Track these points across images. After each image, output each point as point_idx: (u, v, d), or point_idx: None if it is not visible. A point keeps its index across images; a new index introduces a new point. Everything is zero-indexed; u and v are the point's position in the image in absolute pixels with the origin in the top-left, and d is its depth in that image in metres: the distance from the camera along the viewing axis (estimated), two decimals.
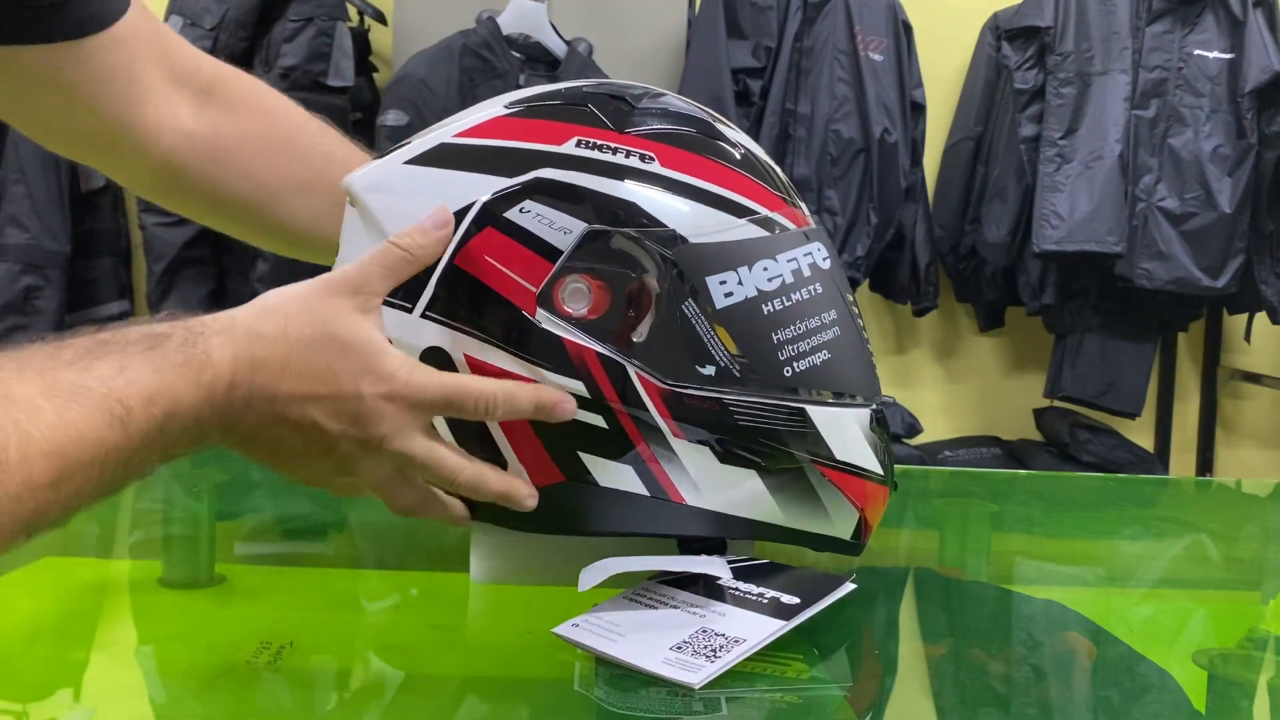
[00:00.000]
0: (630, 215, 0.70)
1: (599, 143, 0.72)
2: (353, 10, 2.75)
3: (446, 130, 0.75)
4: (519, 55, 2.61)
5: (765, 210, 0.74)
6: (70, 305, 2.59)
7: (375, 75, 2.86)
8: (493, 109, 0.76)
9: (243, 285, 2.61)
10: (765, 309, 0.72)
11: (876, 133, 2.68)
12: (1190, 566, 1.12)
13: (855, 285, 2.74)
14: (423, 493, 0.72)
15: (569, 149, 0.71)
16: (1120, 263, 2.64)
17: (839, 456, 0.74)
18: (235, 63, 0.95)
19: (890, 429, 0.83)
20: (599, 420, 0.70)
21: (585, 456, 0.71)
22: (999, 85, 2.85)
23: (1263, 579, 1.07)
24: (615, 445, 0.71)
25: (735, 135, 0.78)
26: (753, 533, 0.74)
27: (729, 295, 0.71)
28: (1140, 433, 3.03)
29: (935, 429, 3.02)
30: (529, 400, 0.69)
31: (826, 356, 0.74)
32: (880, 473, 0.78)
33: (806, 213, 0.78)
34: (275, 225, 0.92)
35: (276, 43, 2.56)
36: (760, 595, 0.70)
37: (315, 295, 0.66)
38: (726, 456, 0.72)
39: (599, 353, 0.70)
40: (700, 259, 0.71)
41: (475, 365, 0.70)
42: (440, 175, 0.72)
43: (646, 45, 2.81)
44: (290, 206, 0.90)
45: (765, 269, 0.72)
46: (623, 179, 0.71)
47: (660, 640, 0.65)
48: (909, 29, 2.79)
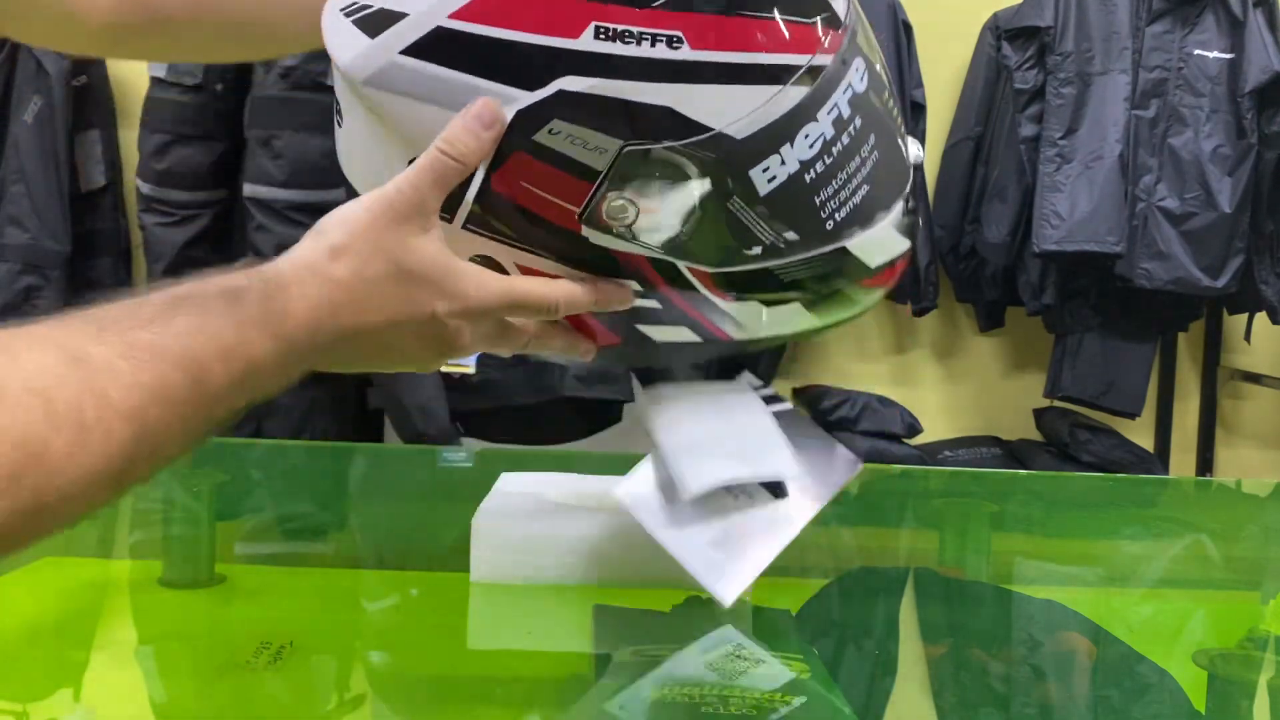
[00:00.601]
0: (667, 125, 0.66)
1: (620, 29, 0.65)
2: None
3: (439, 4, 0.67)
4: None
5: (804, 58, 0.68)
6: (70, 305, 2.59)
7: None
8: None
9: None
10: (808, 178, 0.70)
11: None
12: (1190, 566, 1.12)
13: None
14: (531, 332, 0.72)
15: (587, 43, 0.65)
16: (1120, 263, 2.64)
17: (874, 265, 0.76)
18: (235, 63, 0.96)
19: (890, 428, 0.86)
20: (653, 303, 0.73)
21: (642, 327, 0.74)
22: (999, 85, 2.85)
23: (1263, 579, 1.08)
24: (670, 316, 0.74)
25: None
26: (791, 339, 0.80)
27: (772, 180, 0.69)
28: (1140, 433, 3.02)
29: (935, 429, 3.02)
30: (590, 298, 0.70)
31: (866, 190, 0.73)
32: (906, 248, 0.79)
33: (845, 10, 0.71)
34: (235, 32, 0.90)
35: None
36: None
37: (380, 228, 0.64)
38: (772, 303, 0.74)
39: (649, 257, 0.70)
40: (742, 154, 0.68)
41: (527, 270, 0.71)
42: (449, 78, 0.67)
43: None
44: (243, 6, 0.89)
45: (806, 136, 0.69)
46: (653, 79, 0.65)
47: (701, 533, 0.76)
48: (909, 29, 2.78)
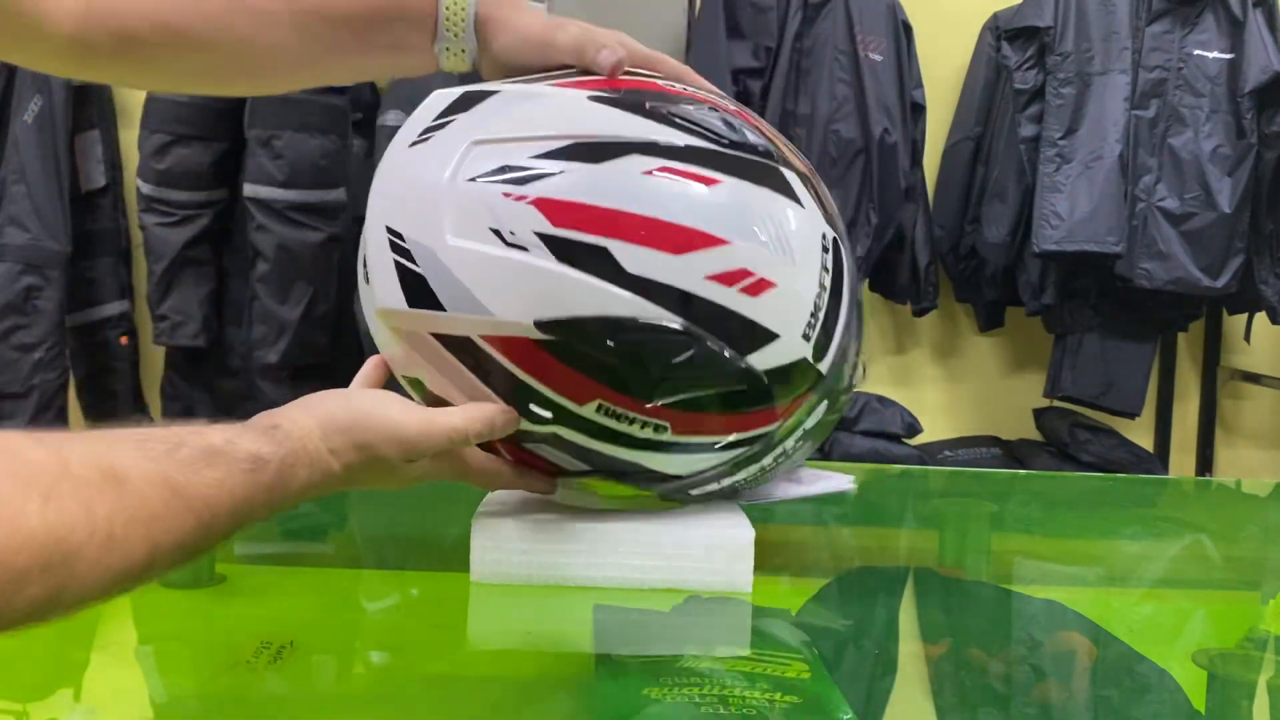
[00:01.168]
0: (633, 471, 0.80)
1: (619, 411, 0.76)
2: None
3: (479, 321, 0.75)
4: None
5: (762, 429, 0.80)
6: (70, 305, 2.59)
7: None
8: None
9: (243, 285, 2.61)
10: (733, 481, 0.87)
11: (876, 133, 2.68)
12: (1190, 566, 1.12)
13: None
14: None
15: (589, 412, 0.76)
16: (1120, 263, 2.64)
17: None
18: None
19: (890, 428, 0.88)
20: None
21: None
22: (999, 85, 2.85)
23: (1263, 579, 1.08)
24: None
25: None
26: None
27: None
28: (1140, 433, 3.02)
29: (935, 429, 3.02)
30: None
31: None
32: None
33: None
34: (213, 65, 0.88)
35: None
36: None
37: (383, 446, 0.72)
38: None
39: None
40: (689, 483, 0.83)
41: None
42: (469, 377, 0.76)
43: (646, 45, 2.81)
44: (225, 34, 0.86)
45: (744, 471, 0.84)
46: (635, 448, 0.78)
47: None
48: (909, 29, 2.78)
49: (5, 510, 0.46)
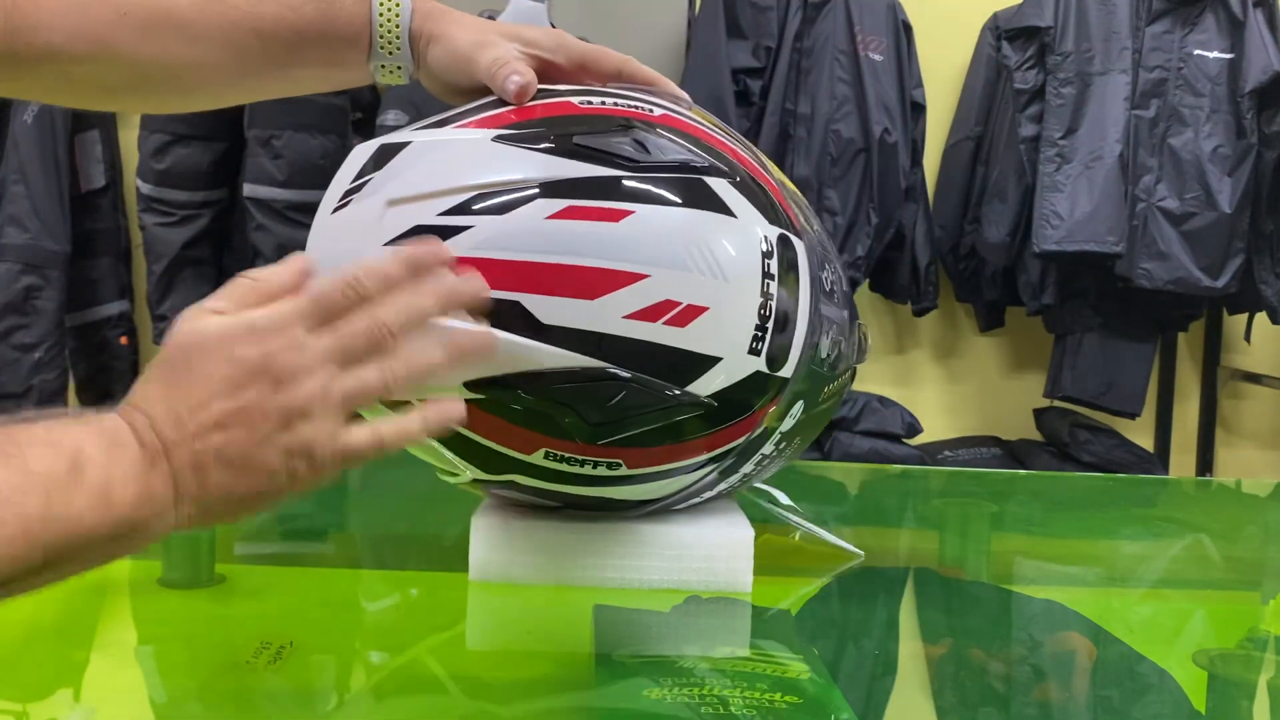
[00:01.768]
0: (597, 504, 0.80)
1: (567, 455, 0.75)
2: None
3: None
4: None
5: (725, 447, 0.79)
6: (70, 305, 2.59)
7: None
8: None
9: None
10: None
11: (876, 133, 2.68)
12: (1190, 566, 1.12)
13: (855, 285, 2.73)
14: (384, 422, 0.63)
15: (538, 459, 0.75)
16: (1120, 263, 2.64)
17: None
18: None
19: (890, 428, 0.87)
20: None
21: None
22: (999, 85, 2.85)
23: (1263, 579, 1.08)
24: None
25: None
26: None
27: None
28: (1140, 433, 3.02)
29: (935, 429, 3.02)
30: (400, 262, 0.65)
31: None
32: None
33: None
34: (139, 79, 0.83)
35: None
36: None
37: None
38: None
39: None
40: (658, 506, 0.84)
41: None
42: None
43: (646, 45, 2.81)
44: (151, 47, 0.81)
45: (703, 488, 0.84)
46: (593, 485, 0.77)
47: None
48: (909, 29, 2.78)
49: None
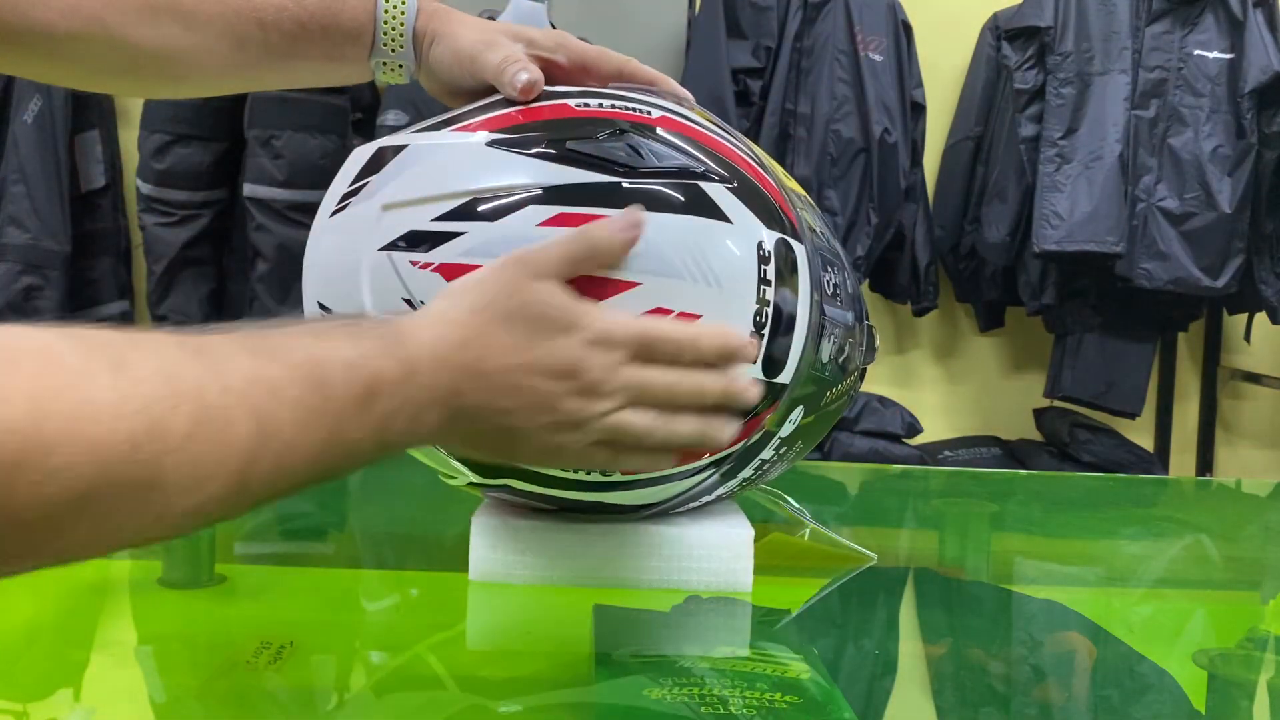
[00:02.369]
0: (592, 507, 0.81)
1: None
2: None
3: None
4: None
5: (726, 450, 0.78)
6: (70, 305, 2.59)
7: None
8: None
9: (243, 285, 2.61)
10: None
11: (876, 133, 2.68)
12: (1190, 566, 1.12)
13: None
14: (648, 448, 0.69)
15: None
16: (1120, 263, 2.64)
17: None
18: None
19: (890, 428, 0.86)
20: None
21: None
22: (999, 85, 2.85)
23: (1263, 579, 1.08)
24: None
25: None
26: None
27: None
28: (1140, 433, 3.02)
29: (935, 429, 3.02)
30: (716, 342, 0.69)
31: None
32: None
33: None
34: (133, 62, 0.83)
35: None
36: None
37: (502, 271, 0.65)
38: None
39: None
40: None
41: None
42: None
43: (646, 45, 2.81)
44: (148, 30, 0.81)
45: (707, 489, 0.83)
46: (590, 491, 0.77)
47: None
48: (909, 29, 2.79)
49: (73, 382, 0.40)
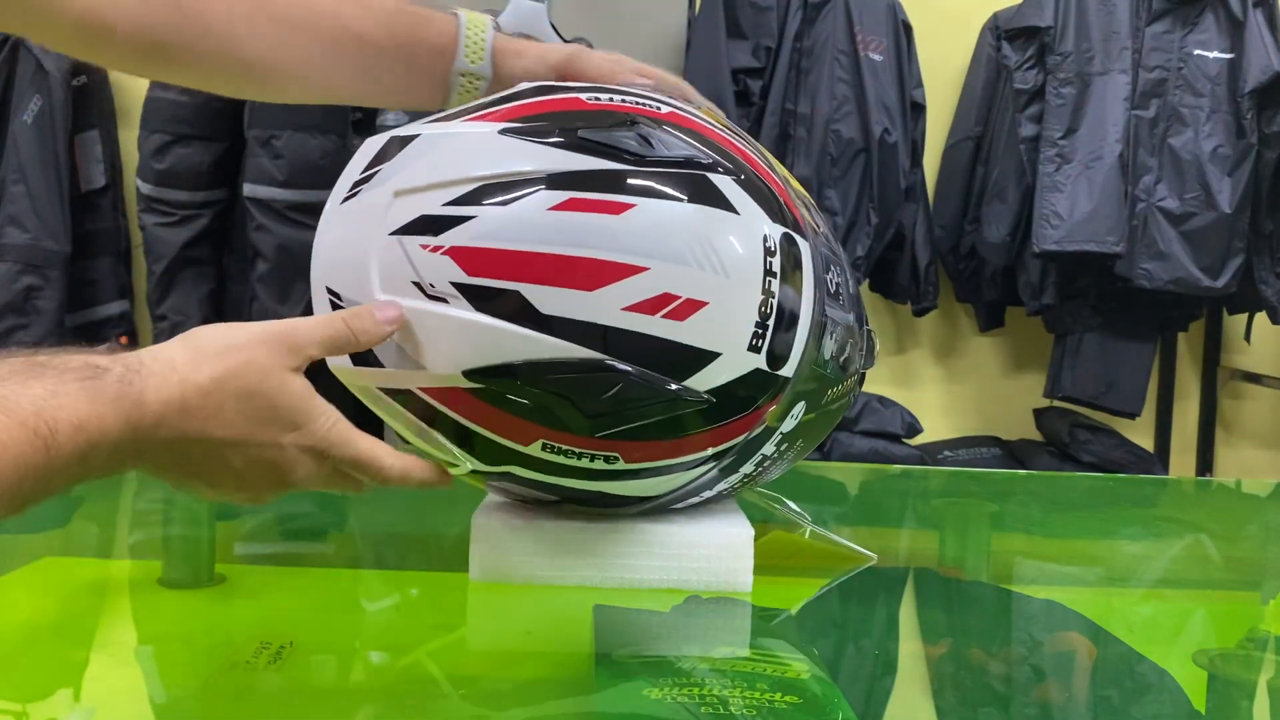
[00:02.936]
0: (596, 499, 0.80)
1: (564, 447, 0.75)
2: None
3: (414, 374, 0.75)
4: None
5: (725, 445, 0.79)
6: (70, 305, 2.59)
7: None
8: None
9: (243, 285, 2.61)
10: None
11: (876, 133, 2.68)
12: (1190, 566, 1.12)
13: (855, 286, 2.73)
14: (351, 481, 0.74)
15: (535, 450, 0.75)
16: (1120, 263, 2.64)
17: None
18: None
19: (890, 428, 0.86)
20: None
21: None
22: (999, 85, 2.85)
23: (1263, 579, 1.08)
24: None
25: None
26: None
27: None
28: (1140, 433, 3.02)
29: (935, 429, 3.02)
30: (424, 478, 0.74)
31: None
32: None
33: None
34: (229, 67, 0.87)
35: None
36: None
37: (251, 349, 0.67)
38: None
39: None
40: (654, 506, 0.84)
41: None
42: (417, 421, 0.76)
43: (646, 45, 2.81)
44: (241, 43, 0.85)
45: (703, 487, 0.83)
46: (591, 479, 0.77)
47: None
48: (909, 29, 2.78)
49: None
